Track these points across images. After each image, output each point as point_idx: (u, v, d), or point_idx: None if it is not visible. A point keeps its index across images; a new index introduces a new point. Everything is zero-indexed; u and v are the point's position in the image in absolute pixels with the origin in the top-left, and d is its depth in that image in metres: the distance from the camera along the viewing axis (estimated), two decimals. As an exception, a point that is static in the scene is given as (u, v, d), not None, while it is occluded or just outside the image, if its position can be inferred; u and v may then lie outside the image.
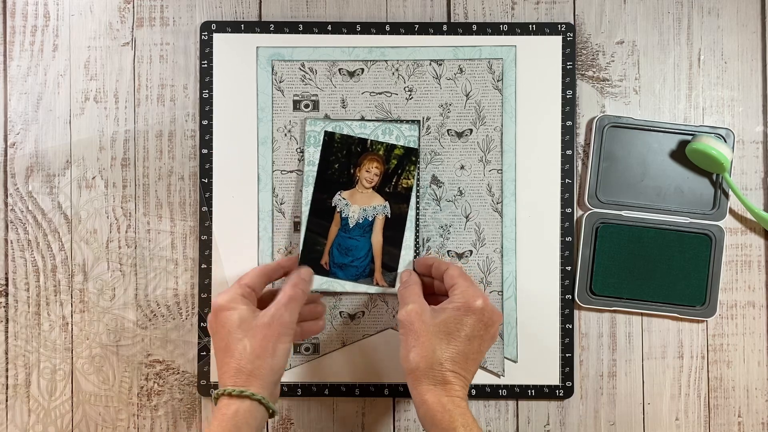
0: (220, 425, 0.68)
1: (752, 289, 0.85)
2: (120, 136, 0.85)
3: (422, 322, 0.70)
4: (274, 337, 0.71)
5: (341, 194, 0.83)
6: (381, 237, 0.83)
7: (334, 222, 0.83)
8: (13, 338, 0.85)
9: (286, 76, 0.85)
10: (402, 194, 0.83)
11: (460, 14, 0.85)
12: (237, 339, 0.71)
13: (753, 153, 0.85)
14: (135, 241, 0.85)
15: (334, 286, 0.83)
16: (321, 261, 0.83)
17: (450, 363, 0.69)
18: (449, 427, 0.66)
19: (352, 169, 0.83)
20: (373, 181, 0.83)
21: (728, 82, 0.85)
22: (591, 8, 0.85)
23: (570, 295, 0.84)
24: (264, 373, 0.70)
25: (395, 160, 0.83)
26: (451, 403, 0.67)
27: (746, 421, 0.85)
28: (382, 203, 0.83)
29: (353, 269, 0.83)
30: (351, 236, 0.83)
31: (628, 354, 0.85)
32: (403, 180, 0.83)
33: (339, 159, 0.83)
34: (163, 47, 0.85)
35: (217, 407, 0.69)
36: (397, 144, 0.83)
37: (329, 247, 0.83)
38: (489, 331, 0.72)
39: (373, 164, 0.83)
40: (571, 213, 0.84)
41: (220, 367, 0.72)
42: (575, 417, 0.84)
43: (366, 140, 0.83)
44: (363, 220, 0.83)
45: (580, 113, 0.85)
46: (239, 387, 0.69)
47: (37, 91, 0.85)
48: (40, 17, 0.85)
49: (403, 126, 0.84)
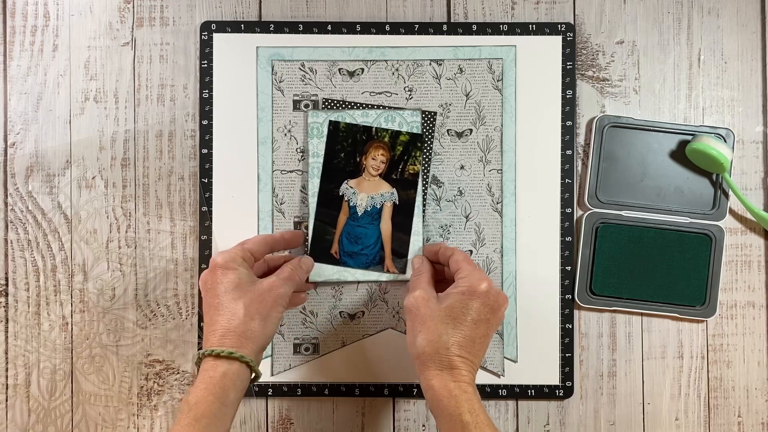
0: (207, 388, 0.67)
1: (752, 289, 0.85)
2: (120, 136, 0.85)
3: (428, 307, 0.70)
4: (270, 303, 0.71)
5: (348, 183, 0.84)
6: (390, 224, 0.84)
7: (342, 211, 0.83)
8: (13, 338, 0.85)
9: (286, 76, 0.85)
10: (409, 180, 0.84)
11: (460, 14, 0.85)
12: (232, 299, 0.70)
13: (753, 153, 0.85)
14: (135, 241, 0.85)
15: (345, 275, 0.83)
16: (331, 250, 0.83)
17: (456, 347, 0.68)
18: (455, 413, 0.66)
19: (358, 158, 0.84)
20: (379, 169, 0.84)
21: (728, 82, 0.85)
22: (591, 8, 0.85)
23: (570, 295, 0.84)
24: (255, 336, 0.70)
25: (401, 147, 0.84)
26: (457, 388, 0.67)
27: (746, 421, 0.85)
28: (389, 190, 0.84)
29: (363, 257, 0.84)
30: (360, 224, 0.83)
31: (628, 354, 0.85)
32: (409, 166, 0.84)
33: (345, 148, 0.84)
34: (163, 47, 0.85)
35: (203, 368, 0.68)
36: (402, 130, 0.83)
37: (338, 236, 0.83)
38: (495, 315, 0.72)
39: (379, 151, 0.83)
40: (571, 213, 0.84)
41: (208, 325, 0.71)
42: (575, 417, 0.84)
43: (371, 128, 0.83)
44: (371, 208, 0.83)
45: (580, 113, 0.85)
46: (228, 348, 0.68)
47: (37, 91, 0.85)
48: (40, 17, 0.85)
49: (405, 113, 0.84)
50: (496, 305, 0.71)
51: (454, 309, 0.70)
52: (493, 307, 0.71)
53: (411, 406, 0.85)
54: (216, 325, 0.70)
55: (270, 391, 0.84)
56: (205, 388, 0.66)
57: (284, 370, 0.84)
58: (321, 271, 0.83)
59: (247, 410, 0.85)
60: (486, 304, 0.70)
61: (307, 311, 0.84)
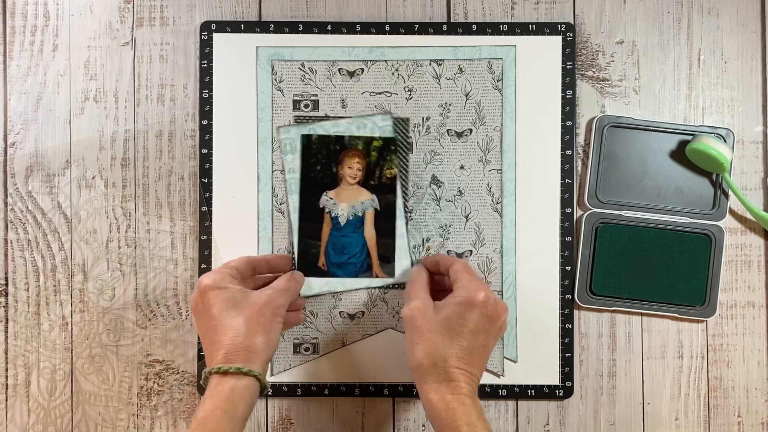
0: (215, 403, 0.66)
1: (752, 289, 0.85)
2: (120, 136, 0.85)
3: (425, 318, 0.69)
4: (269, 315, 0.71)
5: (327, 194, 0.84)
6: (373, 230, 0.84)
7: (324, 223, 0.84)
8: (12, 338, 0.85)
9: (285, 76, 0.85)
10: (387, 185, 0.84)
11: (460, 14, 0.85)
12: (230, 317, 0.70)
13: (753, 153, 0.85)
14: (135, 241, 0.85)
15: (335, 286, 0.83)
16: (318, 263, 0.83)
17: (454, 359, 0.68)
18: (453, 426, 0.65)
19: (334, 168, 0.84)
20: (356, 177, 0.84)
21: (728, 82, 0.85)
22: (591, 8, 0.85)
23: (570, 295, 0.84)
24: (260, 349, 0.69)
25: (375, 153, 0.84)
26: (455, 401, 0.66)
27: (746, 421, 0.85)
28: (369, 197, 0.84)
29: (351, 266, 0.84)
30: (344, 234, 0.84)
31: (628, 354, 0.85)
32: (386, 170, 0.84)
33: (320, 160, 0.84)
34: (163, 47, 0.85)
35: (210, 385, 0.68)
36: (375, 136, 0.84)
37: (324, 248, 0.84)
38: (495, 325, 0.71)
39: (355, 160, 0.84)
40: (571, 213, 0.84)
41: (208, 347, 0.70)
42: (575, 417, 0.84)
43: (343, 137, 0.84)
44: (353, 217, 0.84)
45: (580, 113, 0.85)
46: (235, 364, 0.68)
47: (36, 90, 0.85)
48: (40, 17, 0.85)
49: (376, 117, 0.84)
50: (495, 315, 0.70)
51: (452, 320, 0.69)
52: (491, 317, 0.70)
53: (411, 407, 0.85)
54: (218, 345, 0.69)
55: (269, 391, 0.84)
56: (213, 404, 0.66)
57: (284, 370, 0.84)
58: (311, 285, 0.84)
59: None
60: (484, 314, 0.70)
61: (307, 311, 0.84)
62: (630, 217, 0.84)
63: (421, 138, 0.84)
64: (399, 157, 0.84)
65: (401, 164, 0.84)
